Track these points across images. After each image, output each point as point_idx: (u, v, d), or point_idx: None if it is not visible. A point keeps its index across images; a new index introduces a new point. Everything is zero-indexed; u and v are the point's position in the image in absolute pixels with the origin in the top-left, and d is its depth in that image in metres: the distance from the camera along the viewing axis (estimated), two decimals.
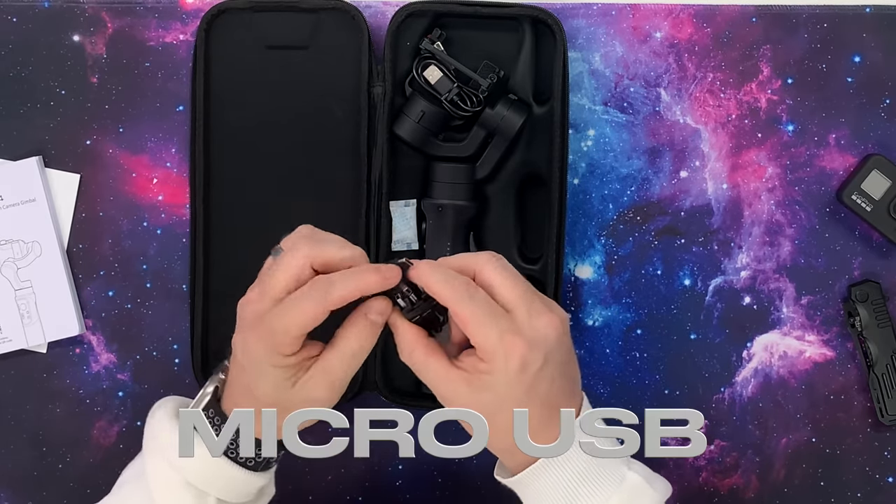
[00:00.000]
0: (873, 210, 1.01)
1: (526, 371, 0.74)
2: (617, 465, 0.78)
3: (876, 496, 1.05)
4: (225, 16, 1.00)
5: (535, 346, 0.74)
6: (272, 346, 0.76)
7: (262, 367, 0.77)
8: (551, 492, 0.76)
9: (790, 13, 1.03)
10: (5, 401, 1.04)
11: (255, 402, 0.79)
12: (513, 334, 0.74)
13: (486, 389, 0.75)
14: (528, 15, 0.99)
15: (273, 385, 0.77)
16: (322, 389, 0.77)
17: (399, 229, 1.00)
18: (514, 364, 0.74)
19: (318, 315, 0.75)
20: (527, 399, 0.75)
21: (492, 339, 0.74)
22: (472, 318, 0.74)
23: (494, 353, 0.74)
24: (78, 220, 1.04)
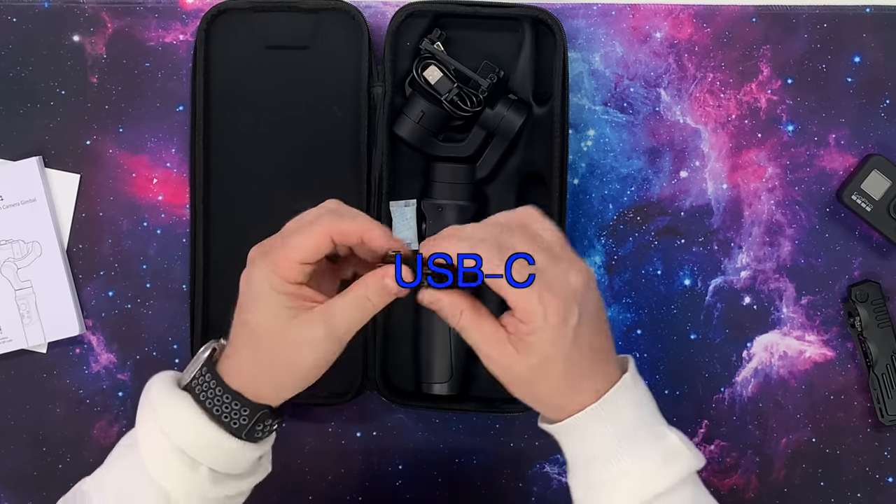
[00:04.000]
0: (873, 210, 1.01)
1: (566, 325, 0.75)
2: (657, 425, 0.80)
3: (876, 496, 1.05)
4: (225, 16, 1.00)
5: (569, 300, 0.75)
6: (274, 269, 0.76)
7: (261, 293, 0.77)
8: (594, 442, 0.78)
9: (790, 13, 1.03)
10: (5, 401, 1.04)
11: (252, 336, 0.77)
12: (548, 293, 0.75)
13: (533, 352, 0.76)
14: (528, 15, 0.99)
15: (272, 313, 0.77)
16: (322, 327, 0.76)
17: (399, 229, 1.00)
18: (555, 320, 0.75)
19: (322, 241, 0.76)
20: (571, 352, 0.76)
21: (531, 300, 0.75)
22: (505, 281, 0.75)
23: (534, 312, 0.75)
24: (78, 220, 1.04)
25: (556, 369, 0.76)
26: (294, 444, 1.05)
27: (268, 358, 0.78)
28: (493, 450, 1.05)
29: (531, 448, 1.04)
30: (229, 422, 0.78)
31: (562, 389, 0.77)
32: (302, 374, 0.78)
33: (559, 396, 0.78)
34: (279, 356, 0.77)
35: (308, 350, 0.77)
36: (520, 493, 1.05)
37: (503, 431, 1.04)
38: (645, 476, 0.77)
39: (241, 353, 0.79)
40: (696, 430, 1.05)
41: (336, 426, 1.05)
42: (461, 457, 1.05)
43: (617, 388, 0.77)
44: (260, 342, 0.77)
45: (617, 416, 0.77)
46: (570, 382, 0.77)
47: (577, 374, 0.77)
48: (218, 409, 0.78)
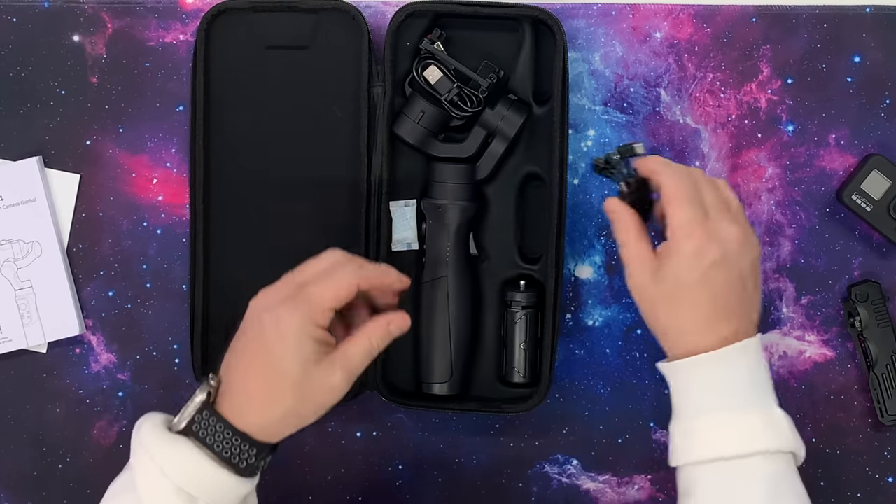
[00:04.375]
0: (873, 210, 1.01)
1: (700, 259, 0.82)
2: (769, 398, 0.83)
3: (876, 496, 1.05)
4: (225, 16, 1.00)
5: (713, 240, 0.82)
6: (309, 316, 0.80)
7: (295, 339, 0.79)
8: (699, 390, 0.83)
9: (790, 13, 1.03)
10: (5, 401, 1.04)
11: (279, 379, 0.80)
12: (699, 224, 0.82)
13: (664, 276, 0.83)
14: (528, 15, 0.99)
15: (302, 359, 0.79)
16: (342, 372, 0.81)
17: (399, 229, 1.00)
18: (691, 248, 0.82)
19: (351, 288, 0.81)
20: (699, 288, 0.82)
21: (682, 219, 0.82)
22: (676, 196, 0.83)
23: (679, 231, 0.83)
24: (78, 220, 1.04)
25: (683, 303, 0.82)
26: (294, 444, 1.05)
27: (293, 402, 0.80)
28: (493, 450, 1.05)
29: (531, 448, 1.04)
30: (238, 462, 0.80)
31: (682, 326, 0.83)
32: (319, 414, 0.82)
33: (679, 333, 0.84)
34: (306, 400, 0.81)
35: (330, 394, 0.81)
36: (520, 493, 1.05)
37: (503, 431, 1.04)
38: (738, 433, 0.81)
39: (258, 396, 0.81)
40: None
41: (336, 426, 1.05)
42: (461, 457, 1.05)
43: (736, 347, 0.82)
44: (288, 385, 0.80)
45: (728, 374, 0.82)
46: (691, 321, 0.83)
47: (701, 318, 0.82)
48: (227, 452, 0.80)
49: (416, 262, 1.01)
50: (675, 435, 0.84)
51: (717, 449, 0.80)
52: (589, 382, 1.04)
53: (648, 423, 1.04)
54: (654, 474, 1.05)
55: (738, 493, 0.80)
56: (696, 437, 0.82)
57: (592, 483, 1.04)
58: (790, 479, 0.81)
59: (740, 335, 0.82)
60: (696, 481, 0.81)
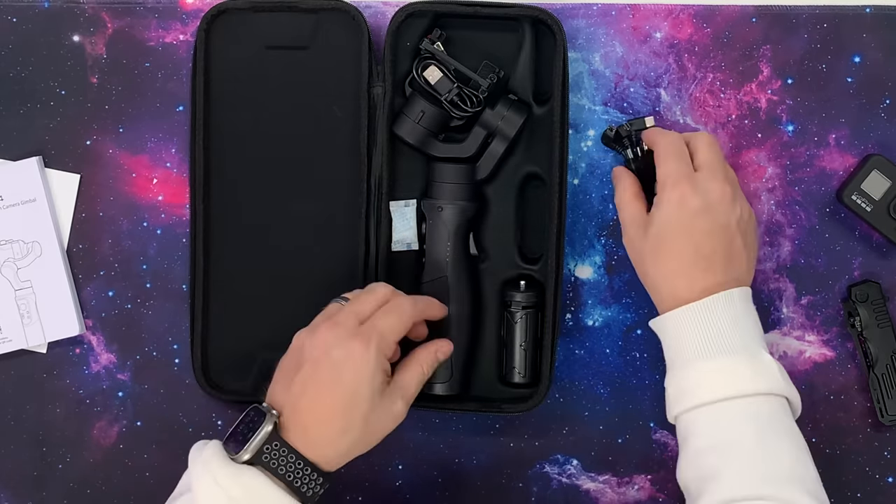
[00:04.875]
0: (873, 210, 1.01)
1: (683, 207, 0.87)
2: (756, 345, 0.86)
3: (876, 496, 1.05)
4: (225, 16, 1.00)
5: (697, 191, 0.87)
6: (381, 350, 0.85)
7: (369, 372, 0.84)
8: (684, 339, 0.87)
9: (790, 13, 1.03)
10: (5, 401, 1.04)
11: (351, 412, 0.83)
12: (685, 176, 0.88)
13: (651, 224, 0.89)
14: (528, 15, 0.99)
15: (374, 391, 0.84)
16: (402, 401, 0.87)
17: (399, 229, 1.00)
18: (675, 196, 0.88)
19: (411, 321, 0.89)
20: (682, 236, 0.87)
21: (668, 170, 0.89)
22: (664, 153, 0.90)
23: (665, 182, 0.88)
24: (78, 220, 1.04)
25: (666, 251, 0.87)
26: None
27: (360, 433, 0.85)
28: (493, 450, 1.05)
29: (531, 448, 1.04)
30: (305, 490, 0.83)
31: (667, 276, 0.88)
32: (380, 440, 0.87)
33: (665, 284, 0.88)
34: (373, 430, 0.86)
35: (393, 422, 0.87)
36: (520, 493, 1.05)
37: (503, 431, 1.04)
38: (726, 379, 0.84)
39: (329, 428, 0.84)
40: None
41: None
42: (461, 457, 1.05)
43: (716, 297, 0.85)
44: (359, 418, 0.84)
45: (713, 322, 0.85)
46: (675, 270, 0.87)
47: (684, 265, 0.86)
48: (297, 481, 0.83)
49: (416, 262, 1.01)
50: (669, 388, 0.88)
51: (706, 394, 0.84)
52: (589, 382, 1.04)
53: (648, 423, 1.04)
54: (654, 474, 1.05)
55: (729, 431, 0.84)
56: (685, 387, 0.86)
57: (592, 483, 1.04)
58: (781, 419, 0.84)
59: (725, 287, 0.86)
60: (690, 425, 0.86)
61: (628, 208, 0.92)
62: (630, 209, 0.92)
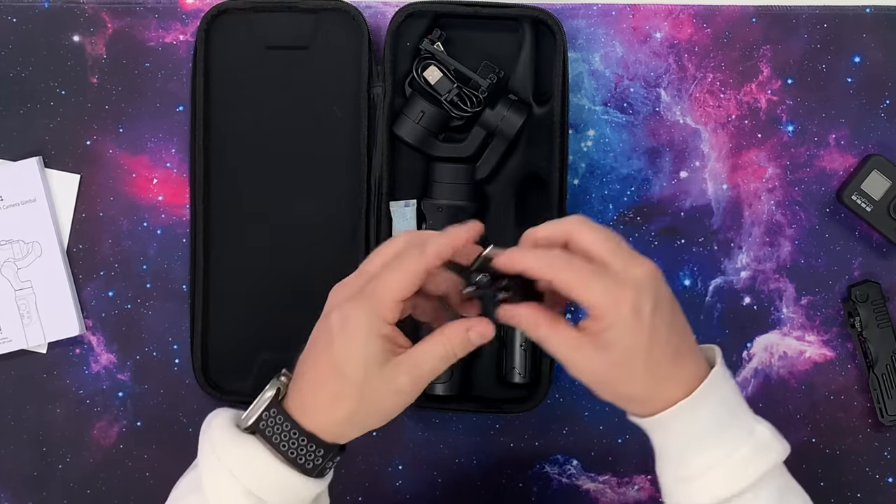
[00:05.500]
0: (873, 210, 1.01)
1: (640, 315, 0.76)
2: (747, 417, 0.80)
3: (876, 496, 1.05)
4: (225, 16, 1.00)
5: (639, 290, 0.76)
6: (375, 311, 0.77)
7: (361, 337, 0.77)
8: (683, 437, 0.79)
9: (790, 13, 1.03)
10: (5, 401, 1.04)
11: (342, 379, 0.77)
12: (616, 286, 0.76)
13: (611, 345, 0.76)
14: (528, 15, 0.99)
15: (366, 359, 0.77)
16: (407, 376, 0.77)
17: (399, 229, 1.00)
18: (627, 310, 0.76)
19: (418, 274, 0.77)
20: (651, 343, 0.77)
21: (598, 294, 0.76)
22: (576, 282, 0.76)
23: (605, 306, 0.76)
24: (78, 220, 1.04)
25: (639, 363, 0.77)
26: None
27: (356, 403, 0.78)
28: (493, 450, 1.05)
29: (531, 448, 1.04)
30: (304, 462, 0.78)
31: (647, 385, 0.78)
32: (386, 417, 0.80)
33: (646, 392, 0.78)
34: (369, 402, 0.78)
35: (396, 398, 0.78)
36: (520, 493, 1.05)
37: (503, 431, 1.04)
38: (733, 470, 0.78)
39: (322, 395, 0.78)
40: None
41: None
42: (461, 457, 1.05)
43: (706, 384, 0.78)
44: (351, 387, 0.77)
45: (706, 412, 0.78)
46: (654, 377, 0.78)
47: (661, 369, 0.78)
48: (293, 452, 0.78)
49: None
50: (666, 479, 0.82)
51: (719, 491, 0.78)
52: None
53: None
54: (653, 474, 1.04)
55: None
56: (692, 484, 0.79)
57: (592, 483, 1.04)
58: (790, 484, 0.81)
59: (701, 369, 0.79)
60: None
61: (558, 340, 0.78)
62: (560, 340, 0.78)
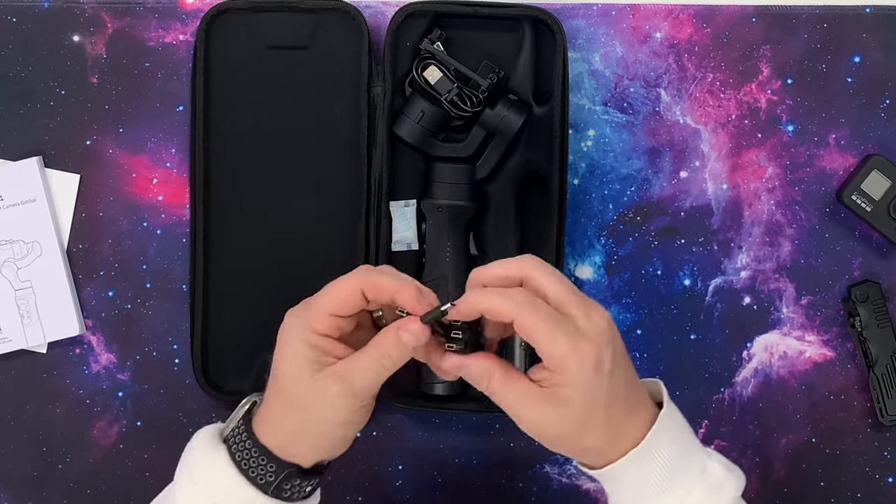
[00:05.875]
0: (873, 210, 1.01)
1: (601, 370, 0.74)
2: (698, 455, 0.79)
3: (876, 496, 1.05)
4: (225, 16, 1.00)
5: (602, 344, 0.74)
6: (306, 321, 0.77)
7: (291, 345, 0.77)
8: (637, 484, 0.77)
9: (790, 13, 1.03)
10: (5, 401, 1.04)
11: (281, 391, 0.77)
12: (580, 338, 0.74)
13: (569, 402, 0.74)
14: (527, 15, 0.99)
15: (298, 366, 0.76)
16: (338, 386, 0.76)
17: (399, 229, 1.00)
18: (589, 366, 0.74)
19: (353, 292, 0.76)
20: (609, 398, 0.75)
21: (563, 347, 0.73)
22: (542, 329, 0.74)
23: (567, 359, 0.73)
24: (78, 220, 1.04)
25: (599, 418, 0.75)
26: None
27: (295, 414, 0.77)
28: (493, 450, 1.05)
29: (531, 448, 1.04)
30: (256, 477, 0.77)
31: (606, 438, 0.76)
32: (329, 431, 0.78)
33: (604, 444, 0.76)
34: (305, 413, 0.77)
35: (329, 407, 0.76)
36: (520, 493, 1.05)
37: (503, 431, 1.04)
38: None
39: (272, 408, 0.78)
40: (697, 431, 1.04)
41: None
42: (461, 457, 1.05)
43: (656, 430, 0.76)
44: (287, 397, 0.77)
45: (656, 459, 0.76)
46: (613, 431, 0.76)
47: (618, 422, 0.76)
48: (246, 464, 0.77)
49: (416, 262, 1.01)
50: None
51: None
52: None
53: None
54: None
55: None
56: None
57: (592, 483, 1.04)
58: None
59: (649, 414, 0.77)
60: None
61: (511, 394, 0.76)
62: (514, 393, 0.76)
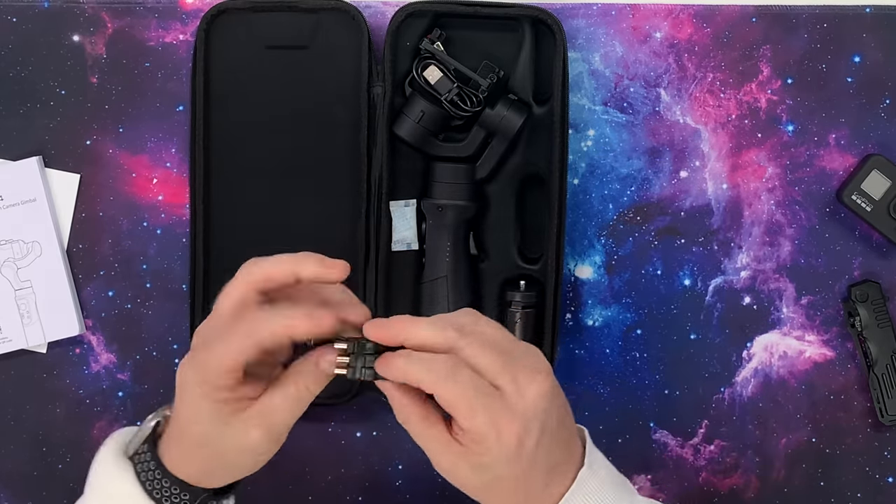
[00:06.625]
0: (873, 210, 1.01)
1: (523, 448, 0.71)
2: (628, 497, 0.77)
3: (876, 496, 1.05)
4: (225, 16, 1.00)
5: (528, 421, 0.71)
6: (207, 381, 0.71)
7: (195, 401, 0.72)
8: None
9: (790, 13, 1.03)
10: (5, 401, 1.04)
11: (187, 441, 0.74)
12: (504, 415, 0.70)
13: (486, 470, 0.72)
14: (528, 15, 0.99)
15: (206, 421, 0.72)
16: (258, 431, 0.72)
17: (399, 229, 1.00)
18: (511, 443, 0.70)
19: (246, 351, 0.70)
20: (529, 471, 0.72)
21: (482, 424, 0.70)
22: (459, 403, 0.70)
23: (487, 436, 0.70)
24: (78, 220, 1.04)
25: (509, 486, 0.72)
26: (294, 444, 1.04)
27: (204, 459, 0.74)
28: None
29: None
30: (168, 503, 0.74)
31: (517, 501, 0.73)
32: (247, 465, 0.75)
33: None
34: (216, 460, 0.74)
35: (247, 455, 0.74)
36: None
37: None
38: None
39: (183, 442, 0.75)
40: (696, 430, 1.05)
41: (336, 426, 1.05)
42: None
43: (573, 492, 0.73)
44: (193, 447, 0.74)
45: None
46: (526, 495, 0.73)
47: (537, 489, 0.73)
48: (158, 493, 0.74)
49: (416, 262, 1.01)
50: None
51: None
52: (589, 382, 1.04)
53: (648, 423, 1.04)
54: (653, 474, 1.05)
55: None
56: None
57: None
58: None
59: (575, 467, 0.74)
60: None
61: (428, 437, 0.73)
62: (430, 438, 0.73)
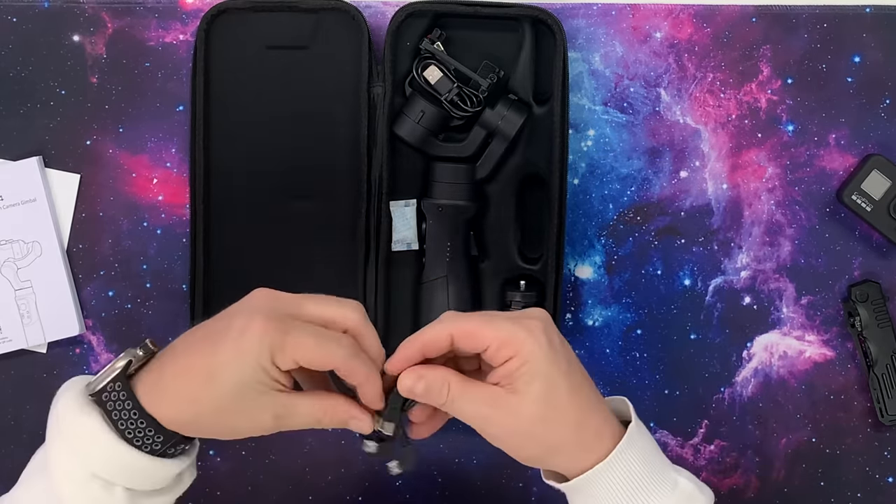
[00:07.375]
0: (873, 210, 1.01)
1: (553, 344, 0.74)
2: (667, 470, 0.78)
3: (876, 496, 1.05)
4: (225, 16, 1.00)
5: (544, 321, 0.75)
6: (273, 350, 0.72)
7: (249, 360, 0.72)
8: (608, 497, 0.76)
9: (790, 13, 1.03)
10: (5, 401, 1.04)
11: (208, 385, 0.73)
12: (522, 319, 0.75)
13: (532, 380, 0.74)
14: (528, 15, 0.99)
15: (241, 382, 0.73)
16: (274, 420, 0.74)
17: (399, 229, 1.00)
18: (541, 337, 0.74)
19: (326, 364, 0.74)
20: (570, 369, 0.75)
21: (507, 328, 0.74)
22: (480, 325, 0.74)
23: (518, 337, 0.73)
24: (78, 220, 1.04)
25: (563, 393, 0.74)
26: (294, 444, 1.05)
27: (209, 413, 0.74)
28: (493, 450, 1.04)
29: None
30: (141, 445, 0.74)
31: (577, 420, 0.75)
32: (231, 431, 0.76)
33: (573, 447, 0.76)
34: (224, 418, 0.74)
35: (251, 430, 0.75)
36: (520, 493, 1.05)
37: None
38: None
39: (180, 387, 0.74)
40: (696, 430, 1.05)
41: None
42: (461, 457, 1.05)
43: (625, 443, 0.76)
44: (214, 397, 0.73)
45: (627, 472, 0.75)
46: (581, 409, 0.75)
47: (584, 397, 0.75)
48: (129, 432, 0.73)
49: (416, 262, 1.01)
50: None
51: None
52: None
53: (649, 422, 1.04)
54: None
55: None
56: None
57: None
58: None
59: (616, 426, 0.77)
60: None
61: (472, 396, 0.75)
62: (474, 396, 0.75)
